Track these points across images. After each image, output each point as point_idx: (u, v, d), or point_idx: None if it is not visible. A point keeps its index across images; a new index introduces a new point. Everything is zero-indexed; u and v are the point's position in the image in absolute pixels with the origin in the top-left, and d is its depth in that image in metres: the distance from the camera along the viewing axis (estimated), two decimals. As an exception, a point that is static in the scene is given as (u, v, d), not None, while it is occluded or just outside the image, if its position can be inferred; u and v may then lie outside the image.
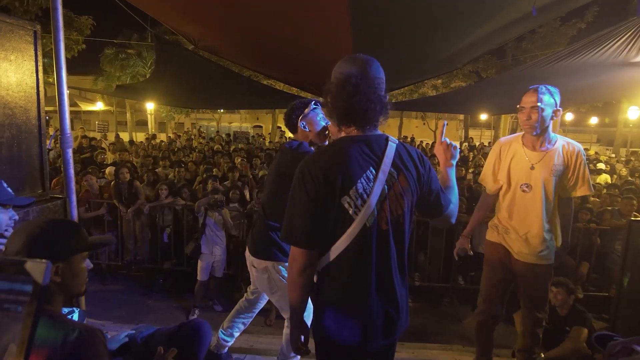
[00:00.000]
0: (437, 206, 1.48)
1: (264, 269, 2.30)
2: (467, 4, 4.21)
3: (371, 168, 1.29)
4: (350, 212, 1.27)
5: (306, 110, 2.27)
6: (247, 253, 2.43)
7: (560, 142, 2.37)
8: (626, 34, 4.38)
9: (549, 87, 2.33)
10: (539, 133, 2.30)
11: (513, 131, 29.07)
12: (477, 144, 17.77)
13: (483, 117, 21.52)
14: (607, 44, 4.68)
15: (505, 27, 5.26)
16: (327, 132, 2.29)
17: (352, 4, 4.54)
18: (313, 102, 2.30)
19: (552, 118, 2.29)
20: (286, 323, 2.46)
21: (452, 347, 3.75)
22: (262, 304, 2.84)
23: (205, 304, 4.61)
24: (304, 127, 2.26)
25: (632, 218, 2.86)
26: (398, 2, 4.27)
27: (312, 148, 2.26)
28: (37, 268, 0.67)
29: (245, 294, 2.85)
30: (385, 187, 1.30)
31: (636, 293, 2.62)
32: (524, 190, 2.38)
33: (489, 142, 20.60)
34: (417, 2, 4.24)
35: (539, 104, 2.24)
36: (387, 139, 1.37)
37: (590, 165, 10.35)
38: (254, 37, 6.44)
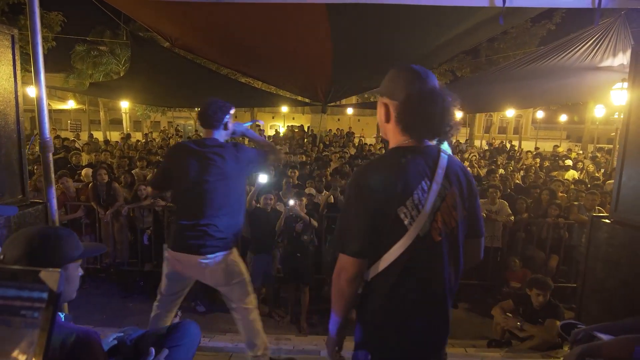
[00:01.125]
0: (475, 227, 1.44)
1: (219, 262, 2.38)
2: (435, 12, 4.36)
3: (426, 179, 1.28)
4: (406, 222, 1.25)
5: (232, 111, 2.41)
6: (184, 255, 2.40)
7: None
8: (590, 40, 4.63)
9: None
10: None
11: (487, 129, 29.91)
12: (454, 141, 18.17)
13: (458, 115, 21.98)
14: (574, 49, 4.93)
15: (477, 29, 5.45)
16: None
17: (330, 7, 4.62)
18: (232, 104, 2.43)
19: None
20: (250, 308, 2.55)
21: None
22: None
23: (187, 305, 4.61)
24: (228, 126, 2.41)
25: (594, 214, 3.04)
26: (373, 7, 4.38)
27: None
28: (51, 277, 0.72)
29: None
30: (439, 198, 1.29)
31: (599, 284, 2.81)
32: None
33: (465, 140, 21.10)
34: (392, 8, 4.36)
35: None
36: (439, 150, 1.35)
37: (560, 161, 10.78)
38: (232, 37, 6.43)
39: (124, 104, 18.38)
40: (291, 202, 4.42)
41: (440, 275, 1.31)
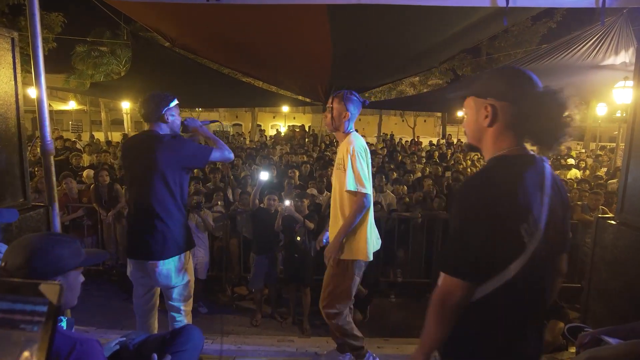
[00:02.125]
0: (566, 240, 1.33)
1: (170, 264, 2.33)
2: (436, 11, 4.35)
3: (539, 191, 1.18)
4: (525, 239, 1.14)
5: (172, 104, 2.35)
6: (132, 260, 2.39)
7: (347, 139, 2.53)
8: (592, 39, 4.60)
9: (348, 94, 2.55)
10: (333, 130, 2.60)
11: (488, 127, 29.81)
12: (455, 140, 18.13)
13: (460, 114, 21.93)
14: (576, 47, 4.91)
15: (478, 28, 5.43)
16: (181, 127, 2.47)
17: (330, 7, 4.59)
18: (174, 97, 2.39)
19: (343, 118, 2.53)
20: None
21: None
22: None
23: (190, 306, 4.60)
24: (168, 118, 2.34)
25: (600, 215, 3.02)
26: (374, 7, 4.36)
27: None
28: (51, 289, 0.70)
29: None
30: (550, 212, 1.19)
31: (604, 286, 2.79)
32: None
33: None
34: (392, 8, 4.34)
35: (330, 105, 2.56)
36: (542, 159, 1.24)
37: (562, 160, 10.73)
38: (232, 37, 6.41)
39: (125, 105, 18.33)
40: (286, 202, 4.41)
41: (544, 293, 1.24)
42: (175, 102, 2.37)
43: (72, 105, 22.89)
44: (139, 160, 2.31)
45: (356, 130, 2.61)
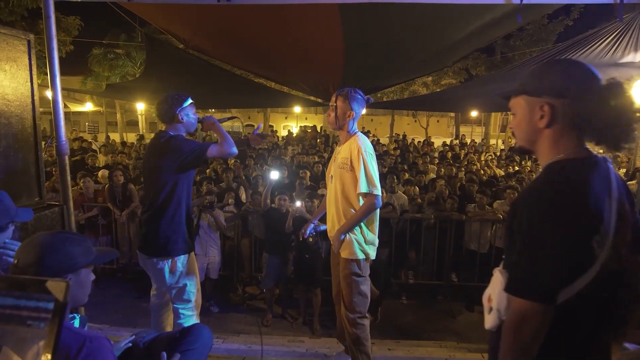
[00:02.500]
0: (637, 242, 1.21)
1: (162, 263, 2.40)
2: (450, 9, 4.30)
3: (607, 197, 1.08)
4: (595, 251, 1.03)
5: (186, 103, 2.41)
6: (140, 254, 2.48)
7: (354, 139, 2.50)
8: (610, 36, 4.50)
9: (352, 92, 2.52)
10: (336, 129, 2.58)
11: (503, 128, 29.44)
12: (469, 141, 17.94)
13: (474, 114, 21.71)
14: (593, 45, 4.80)
15: (492, 26, 5.36)
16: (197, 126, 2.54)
17: (342, 7, 4.59)
18: (188, 96, 2.45)
19: (347, 117, 2.51)
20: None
21: (447, 343, 3.83)
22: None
23: (201, 305, 4.63)
24: (182, 118, 2.40)
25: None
26: (386, 6, 4.34)
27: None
28: (58, 287, 0.71)
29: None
30: (618, 218, 1.09)
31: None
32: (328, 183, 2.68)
33: (482, 139, 20.80)
34: (405, 7, 4.32)
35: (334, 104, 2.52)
36: (606, 160, 1.13)
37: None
38: (244, 37, 6.45)
39: (140, 106, 18.62)
40: (297, 203, 4.41)
41: (613, 308, 1.12)
42: (190, 101, 2.43)
43: (88, 106, 23.34)
44: (147, 161, 2.44)
45: (369, 132, 2.61)
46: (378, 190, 2.39)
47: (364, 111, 2.59)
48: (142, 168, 2.53)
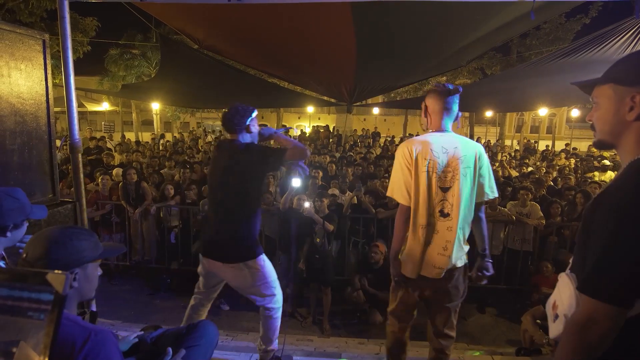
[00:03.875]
0: None
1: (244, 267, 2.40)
2: (467, 6, 4.24)
3: None
4: None
5: (254, 114, 2.43)
6: (214, 261, 2.46)
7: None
8: (628, 32, 4.39)
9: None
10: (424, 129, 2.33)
11: (519, 128, 28.99)
12: (483, 141, 17.70)
13: (488, 114, 21.43)
14: (610, 41, 4.69)
15: (507, 25, 5.27)
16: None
17: (354, 6, 4.57)
18: (254, 108, 2.46)
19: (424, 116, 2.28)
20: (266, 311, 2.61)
21: (457, 345, 3.78)
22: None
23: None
24: (252, 129, 2.43)
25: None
26: (398, 5, 4.30)
27: None
28: (57, 279, 0.72)
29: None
30: None
31: None
32: None
33: (497, 140, 20.51)
34: (418, 5, 4.27)
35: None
36: None
37: (595, 162, 10.30)
38: (257, 37, 6.49)
39: (155, 106, 18.87)
40: (306, 204, 4.42)
41: None
42: (256, 112, 2.46)
43: (105, 106, 23.76)
44: (224, 168, 2.39)
45: (379, 132, 2.49)
46: (399, 197, 2.16)
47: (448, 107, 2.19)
48: (214, 175, 2.47)
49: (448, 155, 2.09)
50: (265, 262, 2.47)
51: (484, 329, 4.49)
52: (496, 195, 2.23)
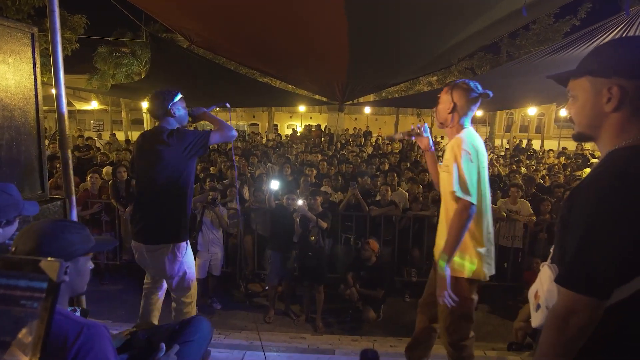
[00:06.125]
0: None
1: (164, 251, 2.44)
2: (455, 5, 4.27)
3: None
4: None
5: (176, 98, 2.47)
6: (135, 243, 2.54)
7: (457, 136, 2.13)
8: (616, 29, 4.46)
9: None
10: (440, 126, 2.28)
11: (508, 127, 29.29)
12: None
13: (478, 113, 21.63)
14: (600, 37, 4.75)
15: (498, 23, 5.32)
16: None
17: (348, 4, 4.57)
18: (178, 91, 2.50)
19: (449, 113, 2.15)
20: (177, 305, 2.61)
21: (449, 341, 3.79)
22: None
23: (204, 302, 4.64)
24: (174, 112, 2.45)
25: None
26: (391, 2, 4.31)
27: None
28: (51, 266, 0.70)
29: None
30: None
31: None
32: None
33: (485, 139, 20.69)
34: (408, 1, 4.29)
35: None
36: None
37: (591, 157, 10.42)
38: (250, 33, 6.46)
39: (145, 104, 18.71)
40: (299, 202, 4.41)
41: None
42: (180, 96, 2.49)
43: (94, 105, 23.46)
44: (148, 154, 2.44)
45: (370, 132, 2.47)
46: (472, 198, 1.99)
47: (474, 108, 2.13)
48: (139, 162, 2.50)
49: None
50: (186, 251, 2.50)
51: (476, 325, 4.49)
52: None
